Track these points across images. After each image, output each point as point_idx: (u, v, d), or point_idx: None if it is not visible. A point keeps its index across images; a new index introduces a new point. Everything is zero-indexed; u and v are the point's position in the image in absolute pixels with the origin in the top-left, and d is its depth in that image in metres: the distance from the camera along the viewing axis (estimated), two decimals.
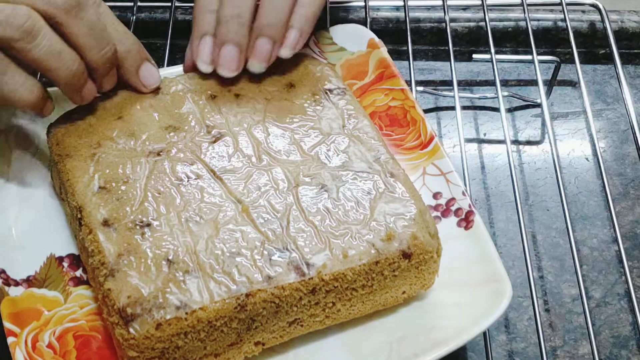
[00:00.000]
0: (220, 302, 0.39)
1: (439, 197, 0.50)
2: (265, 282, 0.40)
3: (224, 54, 0.48)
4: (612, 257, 0.55)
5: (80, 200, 0.44)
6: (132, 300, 0.39)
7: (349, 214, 0.43)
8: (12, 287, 0.44)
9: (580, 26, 0.68)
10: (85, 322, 0.44)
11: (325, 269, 0.41)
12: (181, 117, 0.48)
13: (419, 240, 0.43)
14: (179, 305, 0.39)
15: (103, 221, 0.42)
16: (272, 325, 0.41)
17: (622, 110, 0.64)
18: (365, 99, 0.55)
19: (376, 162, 0.46)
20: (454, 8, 0.69)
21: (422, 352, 0.42)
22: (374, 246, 0.42)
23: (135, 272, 0.40)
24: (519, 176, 0.60)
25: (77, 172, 0.45)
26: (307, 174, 0.45)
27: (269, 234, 0.42)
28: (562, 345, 0.50)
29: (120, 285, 0.39)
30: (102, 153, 0.46)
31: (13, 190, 0.49)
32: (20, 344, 0.42)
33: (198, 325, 0.39)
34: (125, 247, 0.41)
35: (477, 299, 0.44)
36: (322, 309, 0.42)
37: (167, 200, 0.43)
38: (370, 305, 0.44)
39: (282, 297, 0.40)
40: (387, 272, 0.42)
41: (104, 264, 0.41)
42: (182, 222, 0.42)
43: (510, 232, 0.56)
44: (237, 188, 0.44)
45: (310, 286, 0.41)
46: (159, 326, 0.38)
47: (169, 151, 0.46)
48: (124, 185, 0.44)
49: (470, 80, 0.67)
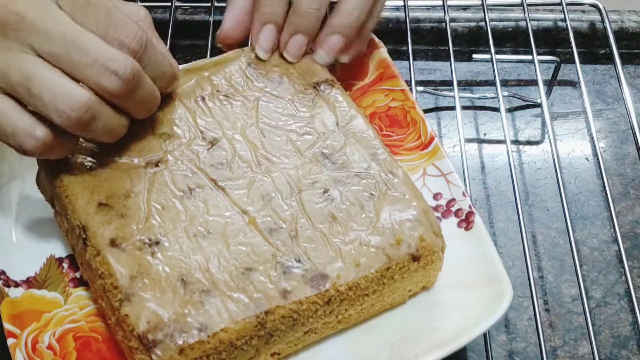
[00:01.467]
0: (241, 322, 0.39)
1: (439, 197, 0.50)
2: (282, 298, 0.40)
3: (294, 43, 0.50)
4: (612, 257, 0.55)
5: (83, 219, 0.42)
6: (152, 325, 0.38)
7: (355, 219, 0.43)
8: (12, 288, 0.44)
9: (580, 26, 0.68)
10: (85, 323, 0.44)
11: (339, 279, 0.41)
12: (174, 123, 0.47)
13: (426, 241, 0.43)
14: (200, 328, 0.38)
15: (110, 241, 0.41)
16: (289, 337, 0.41)
17: (622, 110, 0.64)
18: (365, 100, 0.55)
19: (374, 160, 0.46)
20: (454, 8, 0.69)
21: (422, 353, 0.42)
22: (384, 252, 0.42)
23: (151, 296, 0.39)
24: (519, 176, 0.60)
25: (75, 187, 0.43)
26: (308, 177, 0.45)
27: (279, 245, 0.42)
28: (562, 345, 0.50)
29: (137, 310, 0.39)
30: (98, 166, 0.44)
31: (12, 191, 0.49)
32: (20, 346, 0.42)
33: (220, 347, 0.39)
34: (137, 268, 0.40)
35: (477, 300, 0.44)
36: (335, 315, 0.42)
37: (172, 214, 0.42)
38: (379, 306, 0.44)
39: (299, 312, 0.40)
40: (397, 275, 0.43)
41: (117, 287, 0.40)
42: (190, 238, 0.42)
43: (510, 232, 0.56)
44: (240, 198, 0.44)
45: (326, 298, 0.41)
46: (182, 351, 0.38)
47: (167, 161, 0.45)
48: (125, 201, 0.43)
49: (470, 80, 0.67)
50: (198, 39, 0.66)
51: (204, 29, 0.65)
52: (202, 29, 0.66)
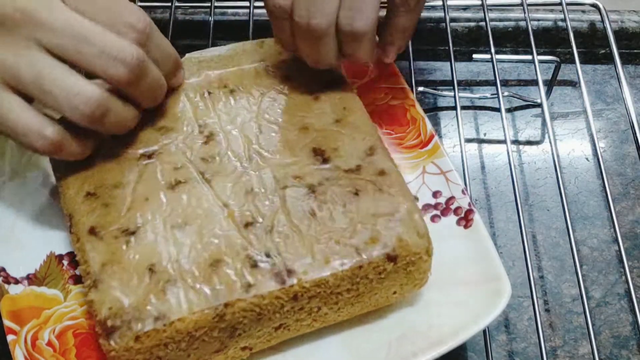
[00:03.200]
0: (198, 312, 0.39)
1: (439, 195, 0.50)
2: (244, 291, 0.39)
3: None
4: (612, 257, 0.55)
5: (69, 208, 0.43)
6: (113, 312, 0.39)
7: (335, 217, 0.42)
8: (12, 285, 0.44)
9: (580, 26, 0.68)
10: (84, 320, 0.44)
11: (305, 275, 0.40)
12: (175, 117, 0.47)
13: (405, 242, 0.42)
14: (157, 317, 0.38)
15: (90, 229, 0.42)
16: (257, 331, 0.41)
17: (622, 110, 0.64)
18: (366, 98, 0.55)
19: (367, 158, 0.45)
20: (454, 8, 0.69)
21: (420, 351, 0.42)
22: (357, 250, 0.41)
23: (118, 283, 0.40)
24: (519, 176, 0.60)
25: (68, 177, 0.44)
26: (296, 174, 0.44)
27: (252, 239, 0.41)
28: (562, 345, 0.50)
29: (102, 296, 0.39)
30: (94, 157, 0.45)
31: (13, 188, 0.49)
32: (20, 342, 0.42)
33: (177, 336, 0.39)
34: (110, 256, 0.41)
35: (476, 298, 0.44)
36: (308, 313, 0.42)
37: (154, 206, 0.43)
38: (360, 307, 0.43)
39: (262, 306, 0.40)
40: (373, 275, 0.42)
41: (89, 273, 0.40)
42: (167, 230, 0.42)
43: (510, 232, 0.56)
44: (224, 191, 0.44)
45: (290, 293, 0.40)
46: (138, 338, 0.38)
47: (160, 153, 0.45)
48: (112, 191, 0.43)
49: (470, 80, 0.67)
50: (198, 39, 0.66)
51: (204, 29, 0.66)
52: (202, 29, 0.66)
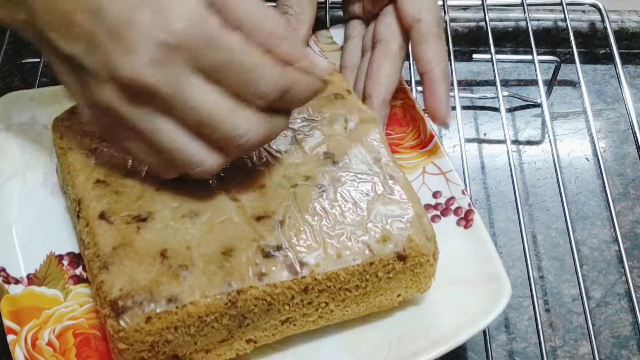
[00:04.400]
0: (211, 297, 0.39)
1: (439, 196, 0.50)
2: (257, 280, 0.40)
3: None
4: (612, 257, 0.55)
5: (79, 193, 0.44)
6: (124, 292, 0.39)
7: (346, 215, 0.43)
8: (12, 285, 0.44)
9: (581, 26, 0.68)
10: (84, 320, 0.44)
11: (318, 267, 0.41)
12: None
13: (415, 242, 0.42)
14: (170, 299, 0.39)
15: (100, 214, 0.42)
16: (264, 323, 0.41)
17: (622, 110, 0.65)
18: None
19: (376, 164, 0.46)
20: (454, 8, 0.69)
21: (421, 350, 0.42)
22: (369, 247, 0.42)
23: (129, 265, 0.40)
24: (519, 176, 0.60)
25: (78, 165, 0.45)
26: (306, 174, 0.45)
27: (263, 232, 0.42)
28: (562, 345, 0.50)
29: (113, 277, 0.40)
30: (104, 147, 0.46)
31: (13, 188, 0.49)
32: (20, 342, 0.42)
33: (188, 320, 0.39)
34: (122, 239, 0.41)
35: (476, 298, 0.44)
36: (315, 308, 0.42)
37: (165, 196, 0.43)
38: (365, 307, 0.44)
39: (273, 295, 0.40)
40: (382, 273, 0.42)
41: (99, 256, 0.41)
42: (178, 219, 0.42)
43: (510, 232, 0.56)
44: (235, 186, 0.44)
45: (302, 285, 0.41)
46: (149, 319, 0.38)
47: None
48: (123, 180, 0.44)
49: (470, 80, 0.67)
50: None
51: None
52: None
